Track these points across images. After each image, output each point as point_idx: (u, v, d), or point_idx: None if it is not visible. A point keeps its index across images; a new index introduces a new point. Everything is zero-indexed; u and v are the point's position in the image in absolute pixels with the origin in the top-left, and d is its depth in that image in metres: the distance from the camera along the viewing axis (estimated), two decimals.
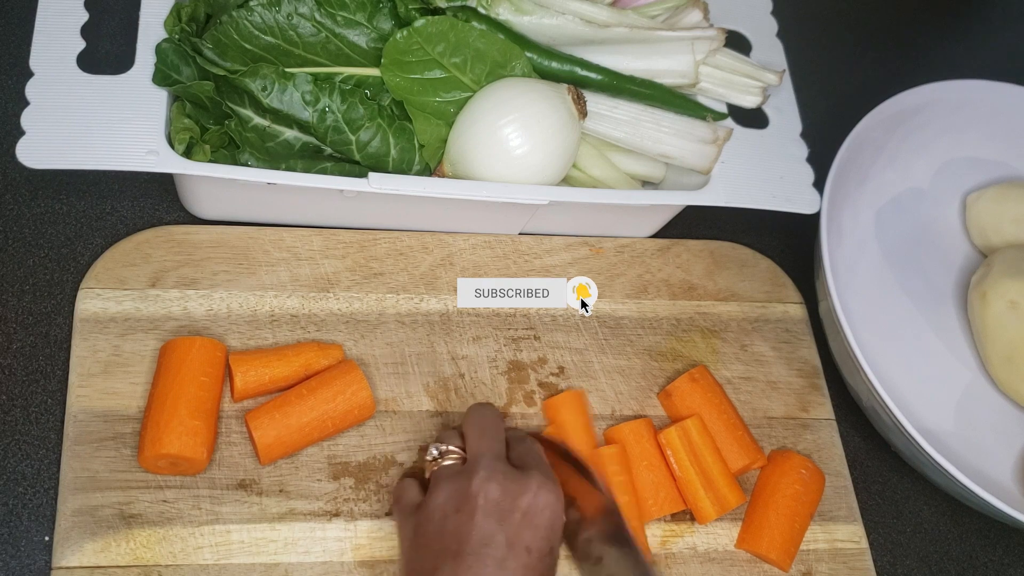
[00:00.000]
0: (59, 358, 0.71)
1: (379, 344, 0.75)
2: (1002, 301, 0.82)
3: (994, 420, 0.86)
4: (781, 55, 0.87)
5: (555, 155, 0.75)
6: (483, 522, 0.59)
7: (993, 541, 0.82)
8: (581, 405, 0.75)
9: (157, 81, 0.71)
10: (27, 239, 0.76)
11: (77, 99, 0.69)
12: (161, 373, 0.68)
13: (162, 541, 0.65)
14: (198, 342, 0.68)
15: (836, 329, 0.76)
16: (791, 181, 0.81)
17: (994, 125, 0.94)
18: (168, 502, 0.66)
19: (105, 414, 0.68)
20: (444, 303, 0.78)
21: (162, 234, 0.75)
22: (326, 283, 0.77)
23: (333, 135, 0.73)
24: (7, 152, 0.77)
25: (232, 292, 0.74)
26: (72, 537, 0.64)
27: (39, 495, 0.67)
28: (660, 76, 0.79)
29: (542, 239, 0.83)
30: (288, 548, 0.67)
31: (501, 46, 0.75)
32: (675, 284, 0.85)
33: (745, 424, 0.77)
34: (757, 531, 0.74)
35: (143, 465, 0.66)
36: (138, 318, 0.72)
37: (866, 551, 0.77)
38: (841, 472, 0.80)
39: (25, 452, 0.68)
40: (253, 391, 0.70)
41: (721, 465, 0.74)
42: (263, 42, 0.71)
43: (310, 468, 0.70)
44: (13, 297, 0.73)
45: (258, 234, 0.77)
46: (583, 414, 0.75)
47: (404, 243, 0.80)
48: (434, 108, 0.75)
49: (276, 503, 0.68)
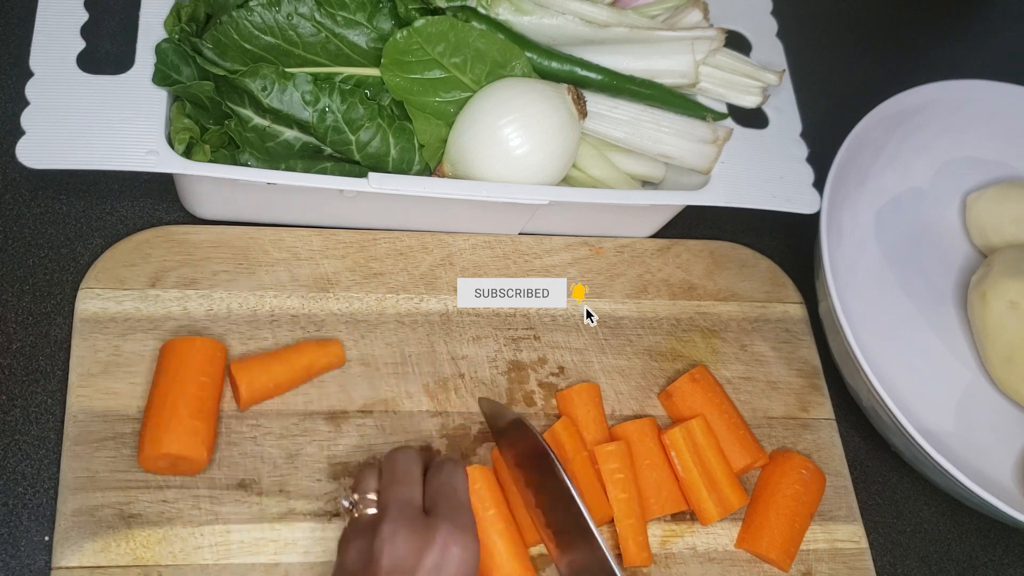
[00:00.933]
0: (59, 358, 0.71)
1: (379, 344, 0.75)
2: (1002, 301, 0.82)
3: (994, 420, 0.86)
4: (781, 55, 0.87)
5: (555, 155, 0.75)
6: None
7: (993, 541, 0.82)
8: (595, 398, 0.75)
9: (157, 81, 0.71)
10: (27, 239, 0.76)
11: (77, 99, 0.69)
12: (161, 373, 0.68)
13: (162, 541, 0.65)
14: (198, 342, 0.68)
15: (836, 329, 0.76)
16: (791, 181, 0.81)
17: (994, 125, 0.94)
18: (168, 502, 0.66)
19: (105, 414, 0.68)
20: (444, 303, 0.78)
21: (162, 234, 0.75)
22: (326, 283, 0.77)
23: (333, 135, 0.73)
24: (7, 152, 0.77)
25: (232, 292, 0.74)
26: (72, 537, 0.64)
27: (39, 495, 0.67)
28: (660, 76, 0.79)
29: (542, 239, 0.83)
30: (288, 548, 0.67)
31: (501, 46, 0.75)
32: (675, 284, 0.85)
33: (746, 423, 0.77)
34: (757, 531, 0.74)
35: (143, 465, 0.66)
36: (138, 318, 0.72)
37: (866, 551, 0.77)
38: (841, 472, 0.80)
39: (25, 452, 0.68)
40: (260, 397, 0.70)
41: (724, 466, 0.74)
42: (263, 42, 0.71)
43: (310, 468, 0.70)
44: (13, 297, 0.73)
45: (258, 234, 0.77)
46: (596, 407, 0.75)
47: (404, 243, 0.80)
48: (434, 108, 0.75)
49: (276, 503, 0.68)
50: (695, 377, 0.77)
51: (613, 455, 0.72)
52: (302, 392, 0.72)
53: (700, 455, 0.73)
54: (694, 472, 0.73)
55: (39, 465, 0.68)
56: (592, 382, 0.77)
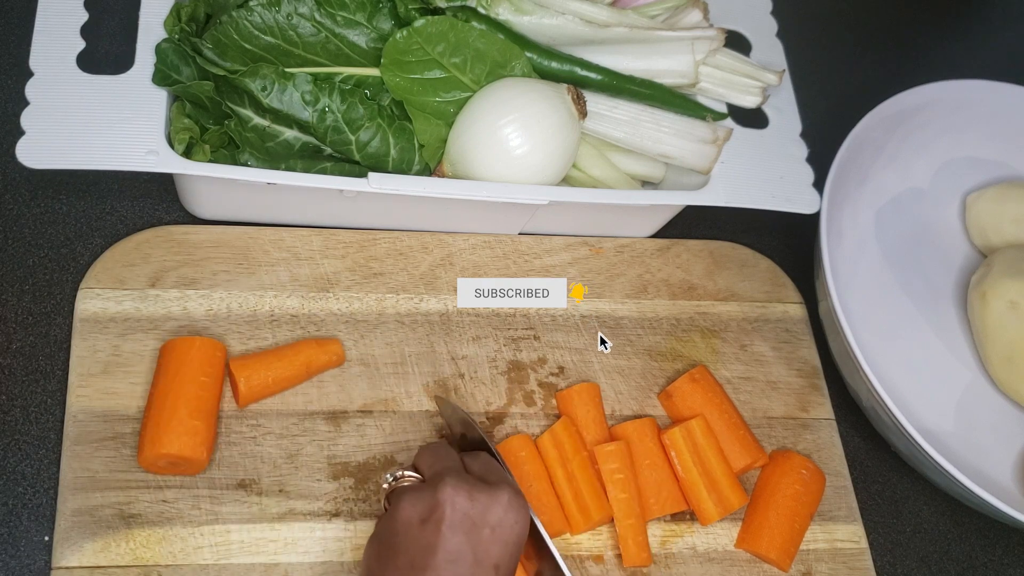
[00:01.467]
0: (59, 358, 0.71)
1: (379, 344, 0.75)
2: (1002, 301, 0.82)
3: (994, 420, 0.86)
4: (781, 55, 0.87)
5: (555, 155, 0.75)
6: (450, 536, 0.56)
7: (993, 541, 0.82)
8: (595, 397, 0.75)
9: (157, 81, 0.71)
10: (27, 239, 0.76)
11: (77, 99, 0.69)
12: (160, 373, 0.68)
13: (162, 541, 0.65)
14: (197, 342, 0.68)
15: (836, 329, 0.76)
16: (791, 181, 0.81)
17: (994, 125, 0.94)
18: (168, 502, 0.66)
19: (105, 414, 0.68)
20: (444, 303, 0.78)
21: (162, 234, 0.75)
22: (326, 283, 0.77)
23: (333, 135, 0.73)
24: (7, 152, 0.77)
25: (232, 292, 0.74)
26: (72, 537, 0.64)
27: (39, 495, 0.67)
28: (660, 76, 0.79)
29: (542, 239, 0.83)
30: (288, 548, 0.67)
31: (501, 46, 0.75)
32: (675, 284, 0.85)
33: (746, 423, 0.77)
34: (757, 531, 0.74)
35: (143, 465, 0.66)
36: (138, 318, 0.72)
37: (866, 551, 0.77)
38: (841, 472, 0.80)
39: (25, 452, 0.68)
40: (258, 395, 0.70)
41: (724, 467, 0.74)
42: (263, 42, 0.71)
43: (310, 468, 0.70)
44: (13, 297, 0.73)
45: (258, 234, 0.77)
46: (596, 407, 0.75)
47: (404, 243, 0.80)
48: (434, 108, 0.75)
49: (276, 503, 0.68)
50: (695, 377, 0.77)
51: (613, 455, 0.72)
52: (302, 392, 0.72)
53: (700, 455, 0.73)
54: (694, 472, 0.73)
55: (39, 465, 0.68)
56: (592, 382, 0.77)
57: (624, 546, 0.71)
